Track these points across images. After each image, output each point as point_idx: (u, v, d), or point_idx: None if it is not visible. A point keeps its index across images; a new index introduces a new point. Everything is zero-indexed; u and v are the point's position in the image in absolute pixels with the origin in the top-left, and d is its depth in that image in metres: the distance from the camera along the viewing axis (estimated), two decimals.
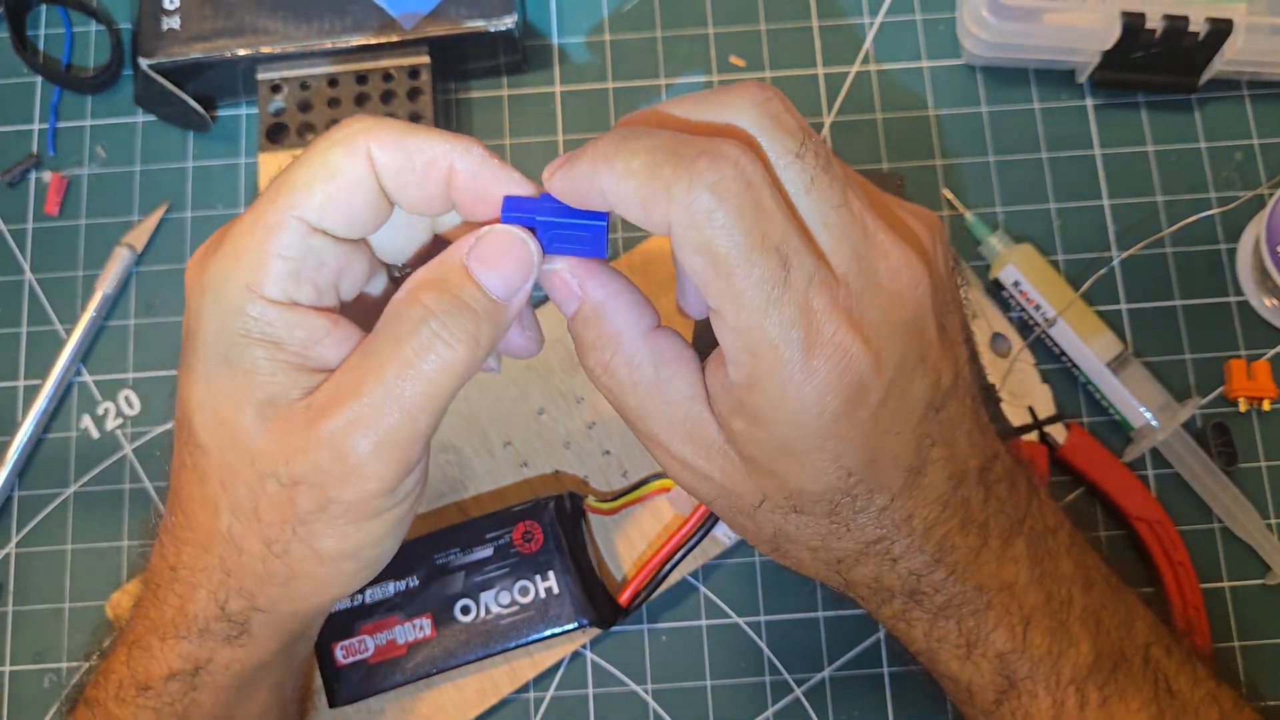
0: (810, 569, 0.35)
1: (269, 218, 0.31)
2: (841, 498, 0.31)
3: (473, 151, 0.31)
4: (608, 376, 0.32)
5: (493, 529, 0.46)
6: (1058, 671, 0.35)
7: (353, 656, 0.46)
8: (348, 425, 0.30)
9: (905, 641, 0.37)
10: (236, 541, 0.32)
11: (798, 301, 0.28)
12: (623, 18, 0.58)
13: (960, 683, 0.36)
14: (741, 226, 0.28)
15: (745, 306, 0.28)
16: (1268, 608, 0.50)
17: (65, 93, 0.57)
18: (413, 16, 0.53)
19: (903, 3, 0.57)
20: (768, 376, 0.29)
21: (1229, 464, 0.50)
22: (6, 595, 0.52)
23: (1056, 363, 0.52)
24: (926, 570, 0.33)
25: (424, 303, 0.30)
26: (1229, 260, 0.53)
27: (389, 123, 0.31)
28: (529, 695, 0.50)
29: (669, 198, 0.28)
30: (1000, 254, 0.52)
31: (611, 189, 0.29)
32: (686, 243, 0.28)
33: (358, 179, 0.31)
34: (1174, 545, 0.49)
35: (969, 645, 0.35)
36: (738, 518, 0.34)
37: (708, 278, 0.28)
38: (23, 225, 0.56)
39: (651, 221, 0.29)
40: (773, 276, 0.28)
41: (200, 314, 0.31)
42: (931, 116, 0.56)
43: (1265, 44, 0.51)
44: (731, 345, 0.29)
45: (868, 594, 0.35)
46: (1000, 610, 0.34)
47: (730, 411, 0.31)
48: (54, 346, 0.54)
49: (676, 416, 0.32)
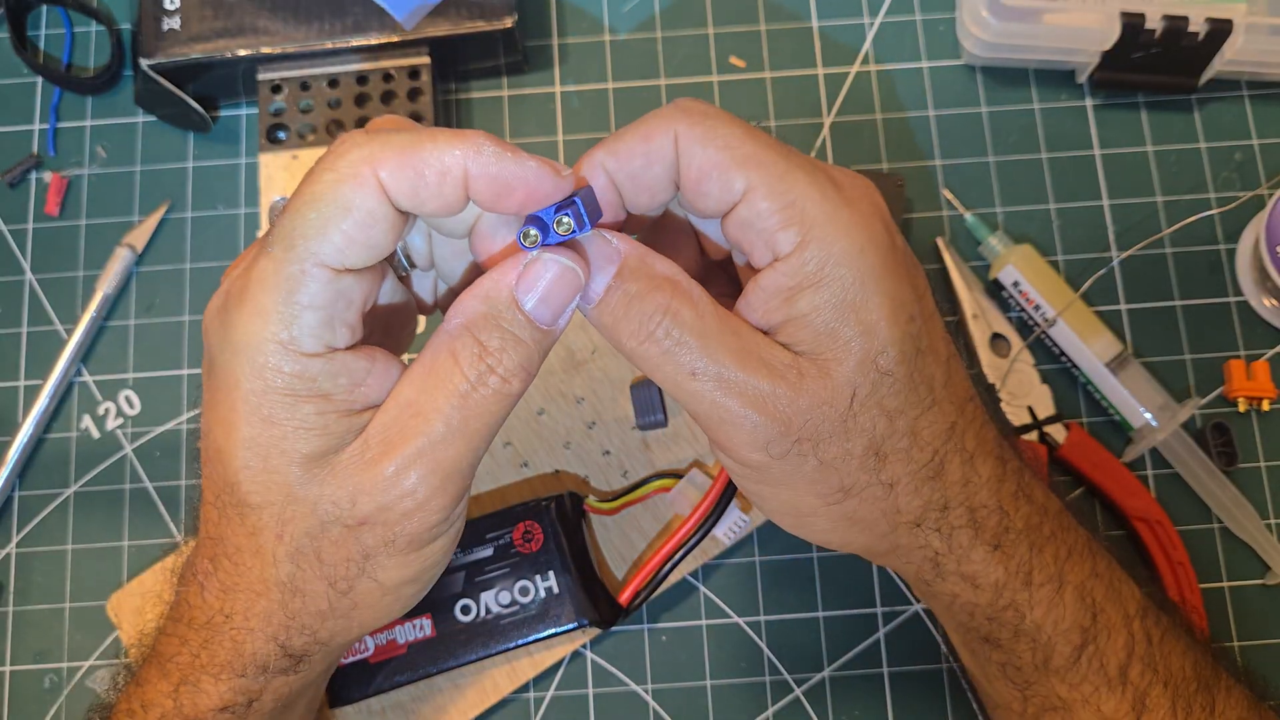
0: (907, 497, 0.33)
1: (289, 268, 0.30)
2: (915, 353, 0.32)
3: (484, 150, 0.30)
4: (671, 319, 0.31)
5: (493, 529, 0.46)
6: (1124, 604, 0.35)
7: (353, 656, 0.46)
8: (411, 462, 0.31)
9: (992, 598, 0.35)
10: (297, 585, 0.32)
11: (806, 158, 0.32)
12: (623, 18, 0.58)
13: (1041, 637, 0.35)
14: (733, 117, 0.31)
15: (768, 162, 0.31)
16: (1267, 607, 0.50)
17: (66, 93, 0.57)
18: (413, 17, 0.53)
19: (903, 3, 0.57)
20: (817, 216, 0.31)
21: (1228, 464, 0.51)
22: (7, 595, 0.52)
23: (1056, 363, 0.52)
24: (999, 477, 0.34)
25: (479, 339, 0.31)
26: (1228, 260, 0.53)
27: (390, 141, 0.30)
28: (529, 695, 0.50)
29: (662, 118, 0.31)
30: (1000, 254, 0.52)
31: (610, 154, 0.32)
32: (694, 139, 0.31)
33: (372, 210, 0.30)
34: (1173, 545, 0.49)
35: (1059, 579, 0.35)
36: (827, 450, 0.32)
37: (725, 160, 0.31)
38: (23, 225, 0.56)
39: (656, 150, 0.31)
40: (778, 144, 0.31)
41: (236, 375, 0.30)
42: (931, 117, 0.56)
43: (1265, 44, 0.52)
44: (772, 208, 0.31)
45: (963, 519, 0.34)
46: (1065, 534, 0.35)
47: (790, 298, 0.31)
48: (54, 347, 0.54)
49: (746, 346, 0.32)
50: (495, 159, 0.30)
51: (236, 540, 0.32)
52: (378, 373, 0.31)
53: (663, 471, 0.49)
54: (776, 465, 0.32)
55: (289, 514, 0.31)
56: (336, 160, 0.30)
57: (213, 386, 0.31)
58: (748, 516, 0.48)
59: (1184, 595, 0.48)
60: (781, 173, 0.31)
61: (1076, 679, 0.35)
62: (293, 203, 0.30)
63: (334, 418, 0.31)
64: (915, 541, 0.35)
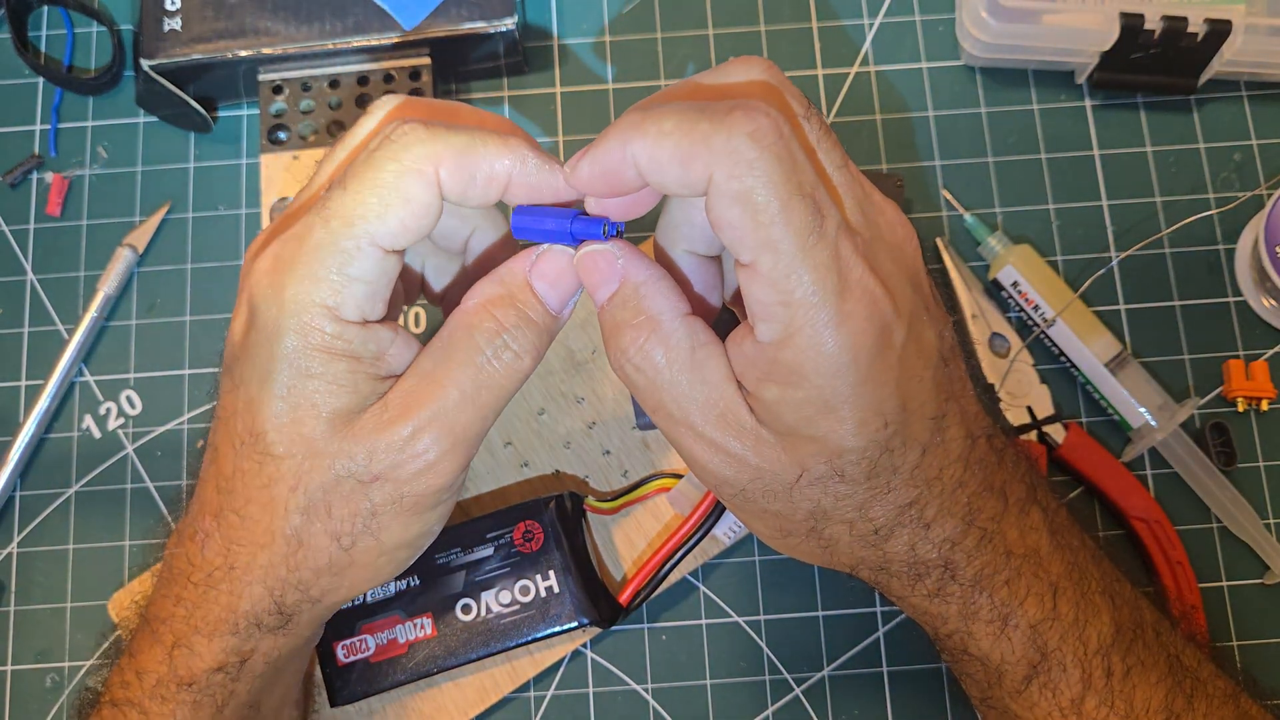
0: (845, 552, 0.35)
1: (346, 243, 0.32)
2: (880, 453, 0.32)
3: (529, 162, 0.32)
4: (642, 358, 0.33)
5: (493, 528, 0.46)
6: (1084, 642, 0.35)
7: (354, 656, 0.46)
8: (425, 425, 0.33)
9: (936, 626, 0.37)
10: (302, 538, 0.34)
11: (830, 247, 0.30)
12: (623, 19, 0.58)
13: (991, 664, 0.36)
14: (781, 172, 0.29)
15: (783, 253, 0.29)
16: (1266, 607, 0.50)
17: (67, 94, 0.58)
18: (414, 17, 0.53)
19: (902, 4, 0.57)
20: (804, 325, 0.30)
21: (1227, 464, 0.51)
22: (8, 595, 0.52)
23: (1055, 363, 0.52)
24: (958, 535, 0.34)
25: (496, 318, 0.34)
26: (1227, 261, 0.54)
27: (452, 141, 0.32)
28: (529, 694, 0.50)
29: (709, 149, 0.29)
30: (999, 254, 0.52)
31: (646, 154, 0.30)
32: (726, 193, 0.29)
33: (429, 203, 0.32)
34: (1172, 545, 0.49)
35: (1003, 619, 0.35)
36: (772, 504, 0.34)
37: (745, 228, 0.29)
38: (25, 226, 0.56)
39: (689, 179, 0.30)
40: (809, 223, 0.29)
41: (282, 329, 0.32)
42: (931, 117, 0.56)
43: (1264, 45, 0.52)
44: (766, 299, 0.30)
45: (903, 571, 0.35)
46: (1029, 578, 0.35)
47: (762, 380, 0.31)
48: (56, 347, 0.54)
49: (711, 399, 0.32)
50: (536, 170, 0.32)
51: (247, 493, 0.34)
52: (400, 345, 0.34)
53: (663, 471, 0.49)
54: (726, 498, 0.35)
55: (307, 466, 0.33)
56: (401, 152, 0.32)
57: (254, 341, 0.33)
58: None
59: (1183, 595, 0.49)
60: (788, 270, 0.29)
61: (1028, 703, 0.36)
62: (353, 183, 0.32)
63: (362, 379, 0.33)
64: (856, 576, 0.37)
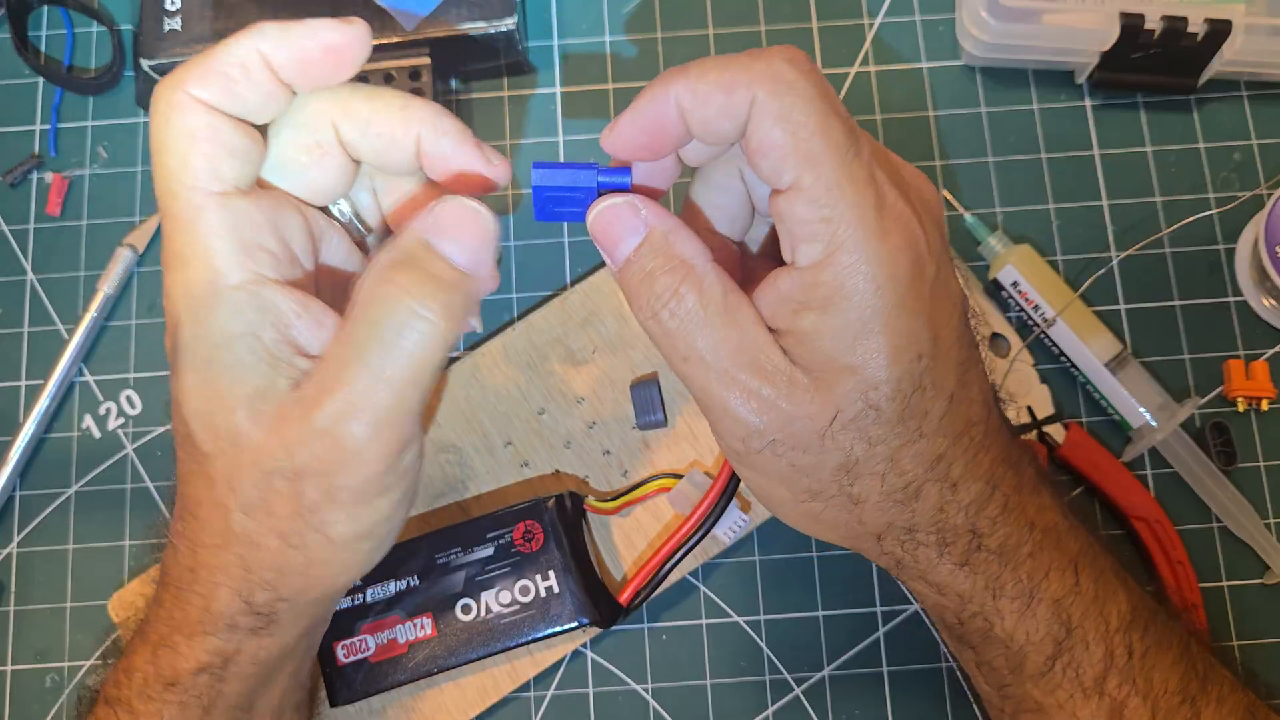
0: (874, 512, 0.34)
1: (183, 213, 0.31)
2: (913, 389, 0.32)
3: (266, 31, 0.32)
4: (677, 302, 0.32)
5: (493, 528, 0.46)
6: (1105, 619, 0.35)
7: (354, 656, 0.46)
8: (340, 412, 0.31)
9: (959, 608, 0.36)
10: (252, 538, 0.33)
11: (867, 167, 0.30)
12: (623, 19, 0.58)
13: (1014, 645, 0.35)
14: (818, 93, 0.30)
15: (824, 169, 0.30)
16: (1266, 607, 0.50)
17: (67, 94, 0.58)
18: (413, 17, 0.53)
19: (902, 4, 0.57)
20: (845, 240, 0.30)
21: (1227, 464, 0.51)
22: (8, 595, 0.52)
23: (1055, 363, 0.52)
24: (983, 500, 0.34)
25: (395, 282, 0.31)
26: (1227, 260, 0.54)
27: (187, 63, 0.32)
28: (530, 694, 0.50)
29: (749, 74, 0.30)
30: (999, 254, 0.52)
31: (689, 90, 0.31)
32: (769, 112, 0.30)
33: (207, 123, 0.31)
34: (1173, 544, 0.49)
35: (1029, 594, 0.35)
36: (801, 457, 0.33)
37: (786, 147, 0.30)
38: (25, 226, 0.56)
39: (733, 105, 0.30)
40: (847, 142, 0.30)
41: (176, 322, 0.32)
42: (931, 117, 0.56)
43: (1264, 45, 0.52)
44: (809, 216, 0.30)
45: (931, 537, 0.34)
46: (1051, 551, 0.35)
47: (800, 310, 0.31)
48: (56, 346, 0.54)
49: (744, 342, 0.32)
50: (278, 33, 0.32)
51: (197, 494, 0.33)
52: (311, 319, 0.32)
53: (663, 471, 0.49)
54: (753, 455, 0.33)
55: (236, 463, 0.32)
56: (153, 107, 0.32)
57: (168, 344, 0.33)
58: (747, 516, 0.48)
59: (1183, 595, 0.49)
60: (831, 183, 0.30)
61: (1050, 686, 0.35)
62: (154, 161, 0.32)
63: (265, 358, 0.32)
64: (878, 550, 0.36)
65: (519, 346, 0.51)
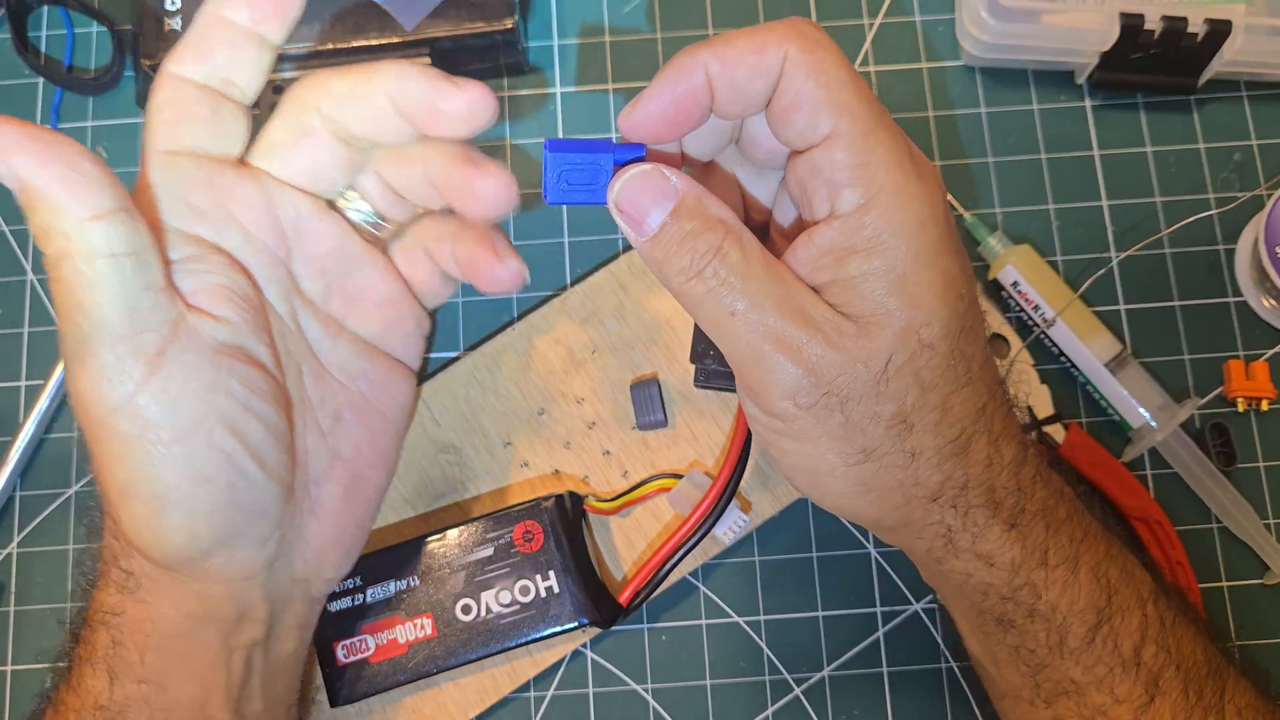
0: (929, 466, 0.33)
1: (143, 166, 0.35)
2: (959, 328, 0.32)
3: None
4: (720, 260, 0.32)
5: (493, 528, 0.46)
6: (1137, 585, 0.36)
7: (354, 656, 0.46)
8: None
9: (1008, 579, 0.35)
10: None
11: (893, 122, 0.32)
12: (623, 19, 0.58)
13: (1056, 618, 0.35)
14: (839, 52, 0.32)
15: (860, 116, 0.31)
16: (1266, 607, 0.50)
17: (67, 94, 0.58)
18: (413, 18, 0.53)
19: (902, 4, 0.57)
20: (886, 183, 0.31)
21: (1227, 464, 0.51)
22: (8, 595, 0.52)
23: (1055, 363, 0.52)
24: (1019, 460, 0.34)
25: None
26: (1228, 261, 0.54)
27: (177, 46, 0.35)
28: (529, 694, 0.50)
29: (778, 33, 0.31)
30: (999, 255, 0.52)
31: (717, 56, 0.32)
32: (803, 65, 0.31)
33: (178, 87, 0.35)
34: (1172, 545, 0.49)
35: (1073, 559, 0.35)
36: (855, 409, 0.32)
37: (821, 97, 0.31)
38: (25, 226, 0.56)
39: (765, 62, 0.31)
40: (873, 96, 0.32)
41: None
42: (930, 117, 0.56)
43: (1264, 45, 0.52)
44: (850, 161, 0.31)
45: (982, 497, 0.34)
46: (1081, 516, 0.36)
47: (843, 258, 0.32)
48: (56, 347, 0.54)
49: (790, 296, 0.32)
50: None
51: None
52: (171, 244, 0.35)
53: (663, 471, 0.49)
54: (802, 416, 0.32)
55: None
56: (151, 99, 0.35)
57: None
58: (748, 516, 0.48)
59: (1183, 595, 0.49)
60: (867, 130, 0.31)
61: (1090, 660, 0.35)
62: None
63: None
64: (929, 517, 0.34)
65: (519, 346, 0.51)
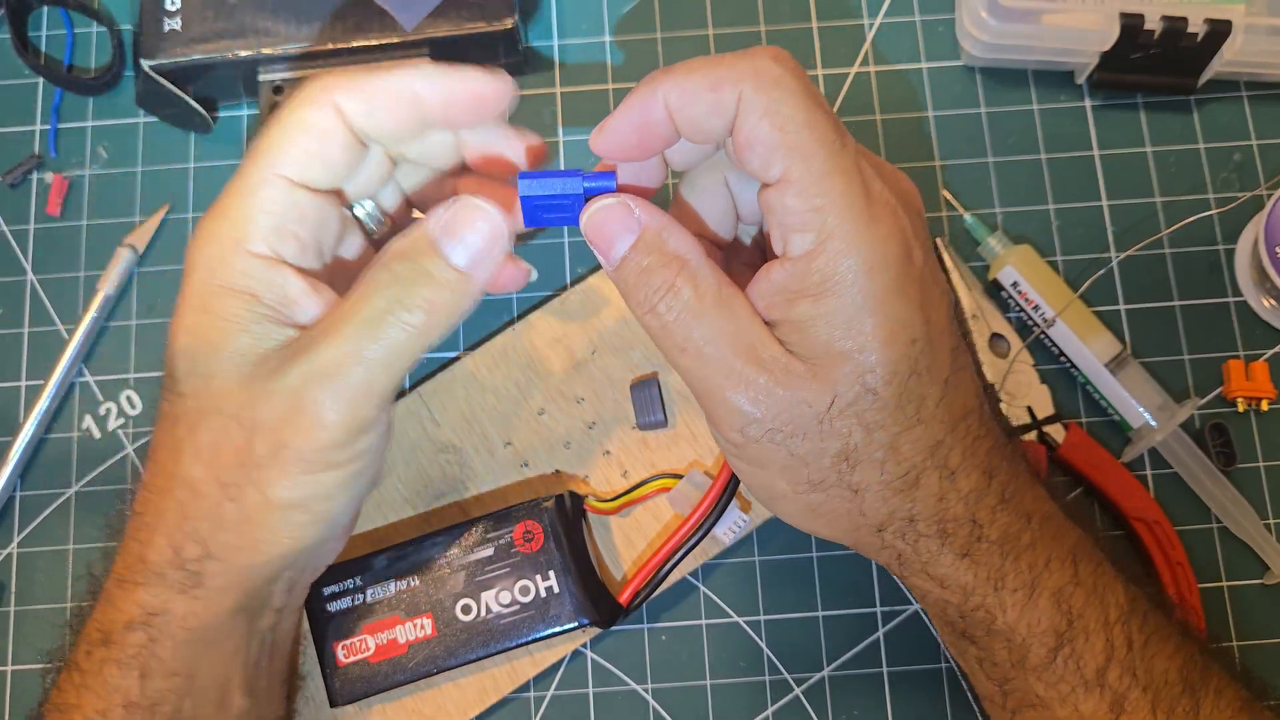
0: (874, 501, 0.34)
1: (253, 178, 0.34)
2: (909, 373, 0.32)
3: (423, 68, 0.34)
4: (673, 296, 0.33)
5: (493, 528, 0.46)
6: (1105, 610, 0.35)
7: (354, 656, 0.46)
8: (307, 375, 0.33)
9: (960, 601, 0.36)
10: (194, 484, 0.34)
11: (852, 158, 0.31)
12: (623, 19, 0.58)
13: (1016, 639, 0.36)
14: (803, 88, 0.31)
15: (813, 160, 0.31)
16: (1266, 607, 0.50)
17: (67, 94, 0.58)
18: (413, 17, 0.53)
19: (902, 4, 0.57)
20: (835, 228, 0.31)
21: (1227, 464, 0.51)
22: (8, 595, 0.52)
23: (1055, 363, 0.52)
24: (981, 489, 0.34)
25: (392, 270, 0.33)
26: (1227, 261, 0.54)
27: (347, 73, 0.34)
28: (529, 694, 0.50)
29: (735, 71, 0.31)
30: (999, 255, 0.52)
31: (677, 88, 0.32)
32: (756, 107, 0.31)
33: (329, 129, 0.34)
34: (1172, 545, 0.49)
35: (1030, 585, 0.35)
36: (800, 445, 0.33)
37: (775, 140, 0.31)
38: (25, 226, 0.56)
39: (720, 102, 0.31)
40: (833, 135, 0.31)
41: (191, 266, 0.34)
42: (930, 117, 0.56)
43: (1264, 45, 0.52)
44: (799, 206, 0.31)
45: (932, 528, 0.34)
46: (1049, 542, 0.35)
47: (794, 299, 0.32)
48: (56, 347, 0.54)
49: (740, 332, 0.33)
50: (437, 75, 0.34)
51: (159, 437, 0.35)
52: (315, 300, 0.34)
53: (663, 471, 0.49)
54: (751, 446, 0.34)
55: (204, 406, 0.34)
56: (299, 93, 0.34)
57: (180, 286, 0.35)
58: (748, 516, 0.48)
59: (1183, 595, 0.49)
60: (820, 174, 0.31)
61: (1053, 679, 0.35)
62: (265, 129, 0.34)
63: (262, 319, 0.33)
64: (879, 542, 0.36)
65: (519, 346, 0.51)
